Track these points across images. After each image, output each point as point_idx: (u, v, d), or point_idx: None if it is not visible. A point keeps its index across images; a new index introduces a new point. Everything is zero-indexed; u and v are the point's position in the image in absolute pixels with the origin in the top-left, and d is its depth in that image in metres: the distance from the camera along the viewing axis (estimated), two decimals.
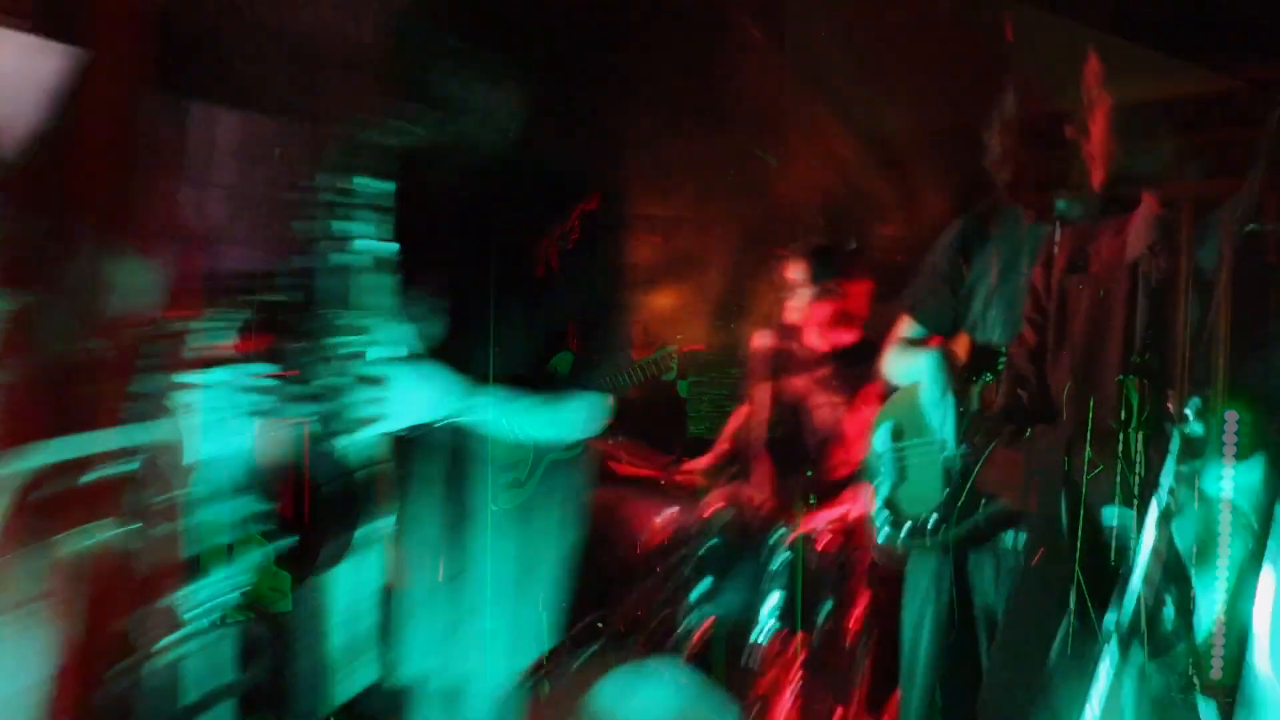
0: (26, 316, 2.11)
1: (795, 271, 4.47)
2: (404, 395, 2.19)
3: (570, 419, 2.50)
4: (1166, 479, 1.93)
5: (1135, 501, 2.05)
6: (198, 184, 2.58)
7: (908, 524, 3.15)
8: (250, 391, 2.18)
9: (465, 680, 2.51)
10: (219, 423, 2.20)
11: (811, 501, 4.20)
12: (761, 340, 4.68)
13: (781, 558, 3.90)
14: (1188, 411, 2.00)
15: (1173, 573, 2.02)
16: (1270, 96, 2.07)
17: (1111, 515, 2.29)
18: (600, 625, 4.02)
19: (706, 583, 3.93)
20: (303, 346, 2.15)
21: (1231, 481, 2.05)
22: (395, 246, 2.19)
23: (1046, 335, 2.61)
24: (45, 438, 2.17)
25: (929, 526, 3.09)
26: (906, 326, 3.38)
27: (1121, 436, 2.12)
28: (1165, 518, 1.93)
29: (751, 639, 3.85)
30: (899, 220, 5.02)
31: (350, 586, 2.36)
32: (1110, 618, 1.98)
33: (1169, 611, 2.04)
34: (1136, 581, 1.91)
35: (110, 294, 2.21)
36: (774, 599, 3.87)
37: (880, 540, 3.22)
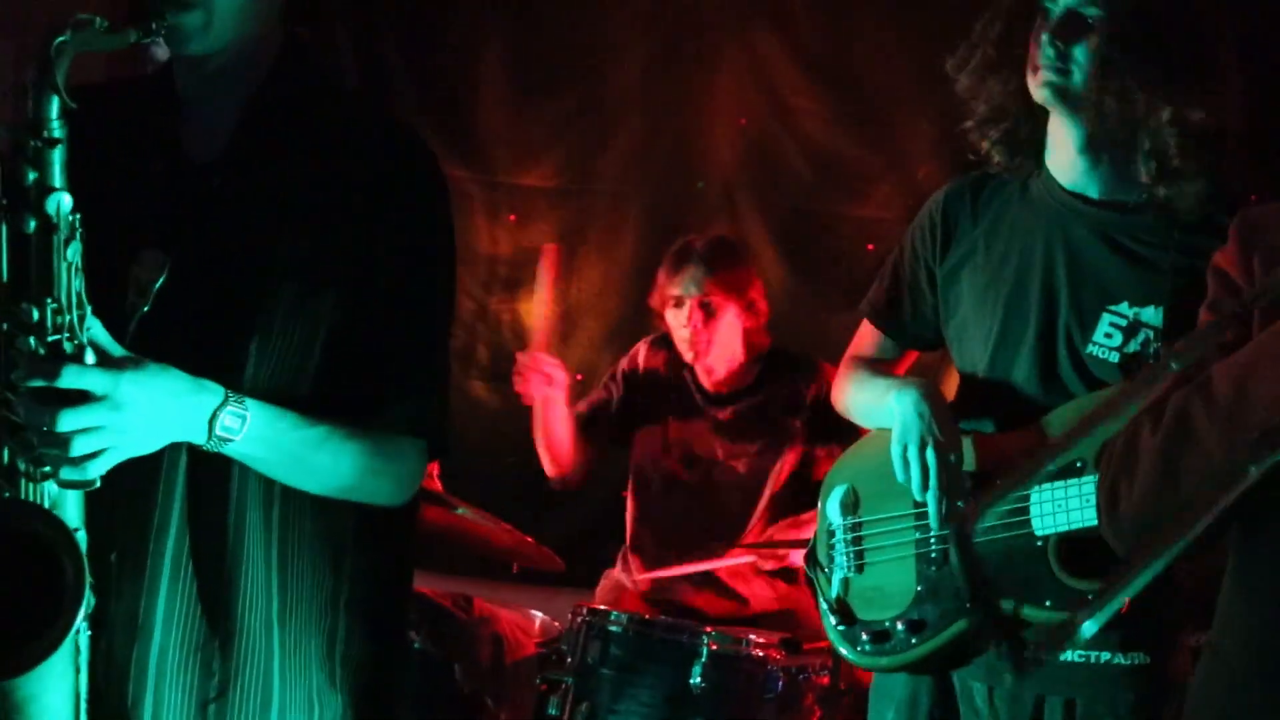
0: None
1: (666, 281, 4.01)
2: (138, 414, 1.74)
3: (379, 467, 1.98)
4: None
5: None
6: None
7: (865, 633, 2.65)
8: None
9: None
10: None
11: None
12: (647, 357, 4.11)
13: (702, 671, 3.25)
14: None
15: None
16: None
17: None
18: None
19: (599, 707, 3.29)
20: None
21: None
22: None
23: None
24: None
25: (897, 637, 2.60)
26: (868, 339, 2.84)
27: None
28: None
29: None
30: (863, 194, 4.73)
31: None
32: None
33: None
34: None
35: None
36: None
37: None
